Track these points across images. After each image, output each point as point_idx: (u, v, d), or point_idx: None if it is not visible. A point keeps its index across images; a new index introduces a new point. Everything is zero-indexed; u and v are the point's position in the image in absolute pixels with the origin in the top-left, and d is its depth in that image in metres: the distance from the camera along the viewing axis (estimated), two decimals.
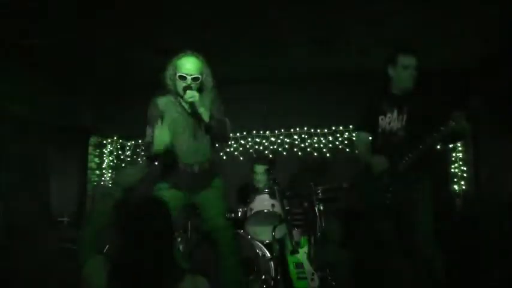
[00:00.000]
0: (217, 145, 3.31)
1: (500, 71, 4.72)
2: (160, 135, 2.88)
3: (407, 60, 3.15)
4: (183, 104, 3.06)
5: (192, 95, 2.93)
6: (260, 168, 4.57)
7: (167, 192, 3.09)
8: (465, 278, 4.36)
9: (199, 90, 3.05)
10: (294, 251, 3.96)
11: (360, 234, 4.38)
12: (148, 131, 3.09)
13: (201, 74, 3.04)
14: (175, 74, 3.02)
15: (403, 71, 3.15)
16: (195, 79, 3.00)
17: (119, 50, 4.83)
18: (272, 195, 4.19)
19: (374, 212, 3.22)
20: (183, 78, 2.99)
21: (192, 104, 2.96)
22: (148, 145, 3.03)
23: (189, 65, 3.00)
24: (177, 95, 3.08)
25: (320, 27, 4.36)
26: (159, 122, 2.97)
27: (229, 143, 5.61)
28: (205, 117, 2.98)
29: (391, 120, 3.21)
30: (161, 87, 3.13)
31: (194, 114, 3.01)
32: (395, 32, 4.29)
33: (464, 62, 4.92)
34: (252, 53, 4.94)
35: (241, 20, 4.20)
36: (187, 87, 2.97)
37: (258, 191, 4.38)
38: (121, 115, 5.82)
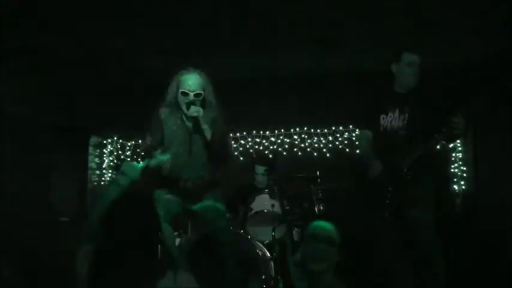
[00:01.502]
0: (218, 166, 3.25)
1: (500, 71, 4.72)
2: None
3: (411, 57, 3.15)
4: (184, 118, 3.07)
5: (196, 110, 2.95)
6: (260, 169, 4.57)
7: (165, 197, 3.10)
8: (465, 278, 4.37)
9: (203, 105, 3.06)
10: (294, 251, 3.96)
11: (360, 235, 4.39)
12: (147, 139, 3.12)
13: (204, 90, 3.05)
14: (178, 90, 3.03)
15: (407, 68, 3.15)
16: (197, 95, 3.02)
17: (120, 50, 4.83)
18: (272, 196, 4.19)
19: (374, 212, 3.23)
20: (185, 94, 3.01)
21: (195, 119, 2.97)
22: (144, 153, 3.10)
23: (191, 82, 3.02)
24: (179, 108, 3.09)
25: (320, 27, 4.36)
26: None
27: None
28: (207, 134, 2.99)
29: (392, 119, 3.21)
30: (163, 98, 3.14)
31: (197, 130, 3.01)
32: (395, 31, 4.29)
33: (464, 62, 4.92)
34: (252, 52, 4.94)
35: (241, 20, 4.20)
36: (191, 103, 2.98)
37: (258, 191, 4.38)
38: (121, 115, 5.82)
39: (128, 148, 6.15)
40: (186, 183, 3.11)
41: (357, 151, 5.45)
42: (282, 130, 5.76)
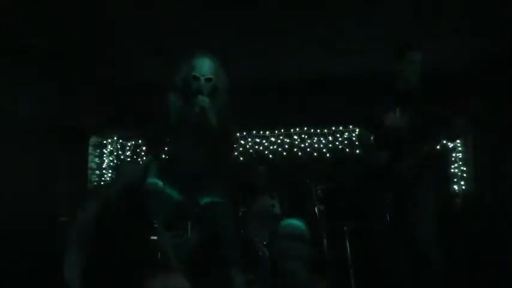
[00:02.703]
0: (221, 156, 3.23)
1: (500, 71, 4.72)
2: None
3: (414, 55, 3.16)
4: (192, 104, 3.03)
5: (202, 101, 2.91)
6: (261, 169, 4.58)
7: (164, 195, 3.08)
8: (466, 278, 4.37)
9: (212, 92, 3.04)
10: None
11: (361, 234, 4.39)
12: (156, 127, 3.10)
13: (214, 75, 3.01)
14: (189, 73, 2.99)
15: (410, 66, 3.15)
16: (208, 80, 2.98)
17: (120, 50, 4.84)
18: (272, 196, 4.19)
19: (375, 212, 3.23)
20: (196, 78, 2.96)
21: (201, 109, 2.94)
22: (148, 141, 3.04)
23: (202, 66, 2.97)
24: (188, 95, 3.06)
25: (320, 27, 4.36)
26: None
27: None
28: (213, 122, 2.96)
29: (393, 119, 3.21)
30: (173, 87, 3.10)
31: (203, 120, 2.98)
32: (395, 32, 4.29)
33: (464, 62, 4.92)
34: (252, 53, 4.94)
35: (241, 20, 4.20)
36: (200, 90, 2.95)
37: (258, 192, 4.38)
38: (121, 115, 5.82)
39: (127, 148, 6.15)
40: (190, 172, 3.08)
41: (357, 151, 5.46)
42: (282, 130, 5.76)
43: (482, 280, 4.38)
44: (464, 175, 5.27)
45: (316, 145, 5.65)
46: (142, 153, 5.95)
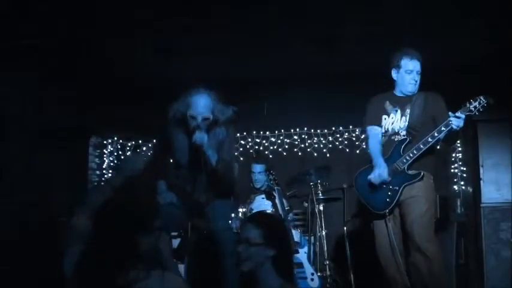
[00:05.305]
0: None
1: (501, 70, 4.72)
2: None
3: (411, 65, 3.16)
4: (191, 141, 3.03)
5: (200, 138, 2.92)
6: (257, 168, 4.57)
7: (171, 206, 3.12)
8: (465, 277, 4.37)
9: (213, 124, 3.03)
10: (294, 251, 3.96)
11: (359, 233, 4.39)
12: (158, 153, 3.16)
13: (212, 113, 3.01)
14: (187, 111, 3.01)
15: (407, 75, 3.16)
16: (205, 119, 2.98)
17: (120, 50, 4.83)
18: (272, 196, 4.19)
19: (374, 211, 3.23)
20: (193, 118, 2.98)
21: (199, 147, 2.93)
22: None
23: (200, 105, 2.98)
24: (187, 130, 3.07)
25: (320, 27, 4.36)
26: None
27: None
28: (212, 160, 2.96)
29: (394, 121, 3.22)
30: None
31: (201, 156, 2.97)
32: (395, 32, 4.29)
33: (464, 62, 4.92)
34: (251, 52, 4.93)
35: (241, 20, 4.20)
36: (197, 127, 2.95)
37: (258, 192, 4.38)
38: (122, 115, 5.80)
39: (128, 148, 6.15)
40: (193, 203, 3.11)
41: (357, 151, 5.46)
42: (282, 130, 5.75)
43: (482, 279, 4.39)
44: (464, 175, 5.27)
45: (316, 145, 5.64)
46: (143, 153, 5.94)
